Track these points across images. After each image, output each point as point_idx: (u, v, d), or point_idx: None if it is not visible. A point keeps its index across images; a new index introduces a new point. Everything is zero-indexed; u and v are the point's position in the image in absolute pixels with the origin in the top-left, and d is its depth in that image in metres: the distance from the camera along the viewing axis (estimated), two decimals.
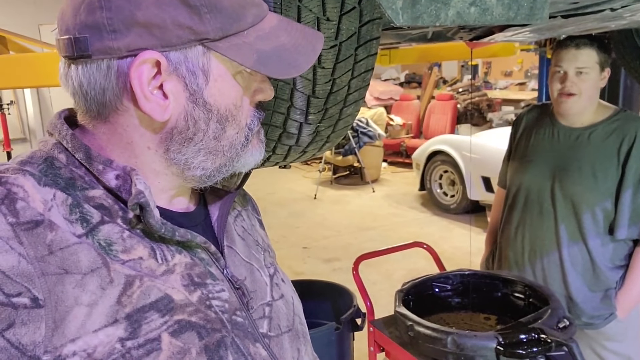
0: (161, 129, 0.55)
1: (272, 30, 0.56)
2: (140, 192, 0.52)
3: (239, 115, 0.58)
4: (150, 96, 0.53)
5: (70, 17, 0.52)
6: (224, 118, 0.56)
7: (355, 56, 0.79)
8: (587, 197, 1.52)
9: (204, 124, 0.55)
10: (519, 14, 0.64)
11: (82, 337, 0.47)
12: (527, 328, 1.21)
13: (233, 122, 0.57)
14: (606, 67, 1.54)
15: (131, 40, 0.50)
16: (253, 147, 0.61)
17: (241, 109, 0.58)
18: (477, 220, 4.74)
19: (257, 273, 0.66)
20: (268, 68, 0.54)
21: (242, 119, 0.58)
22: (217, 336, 0.55)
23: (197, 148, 0.56)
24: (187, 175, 0.58)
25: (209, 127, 0.56)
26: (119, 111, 0.54)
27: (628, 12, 0.96)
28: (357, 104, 0.87)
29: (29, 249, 0.47)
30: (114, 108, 0.54)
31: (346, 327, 1.75)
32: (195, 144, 0.56)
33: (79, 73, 0.53)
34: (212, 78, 0.54)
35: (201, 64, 0.53)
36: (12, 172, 0.52)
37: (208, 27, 0.51)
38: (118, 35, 0.50)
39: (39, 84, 1.81)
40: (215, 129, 0.56)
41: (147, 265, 0.53)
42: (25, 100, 7.11)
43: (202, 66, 0.53)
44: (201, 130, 0.55)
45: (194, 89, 0.54)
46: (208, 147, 0.57)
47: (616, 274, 1.56)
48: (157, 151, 0.56)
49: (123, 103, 0.54)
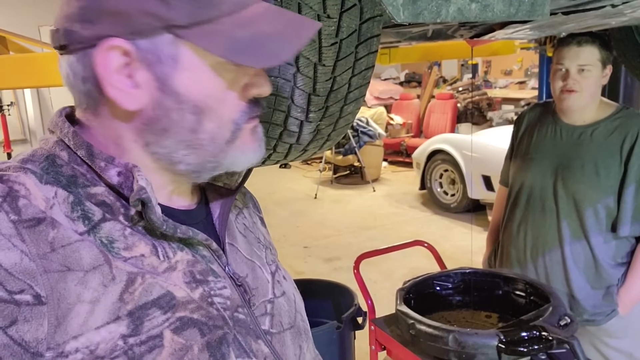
0: (135, 119, 0.55)
1: (255, 18, 0.53)
2: (142, 188, 0.52)
3: (219, 109, 0.55)
4: (115, 83, 0.52)
5: (59, 10, 0.54)
6: (199, 110, 0.54)
7: (356, 54, 0.79)
8: (589, 194, 1.52)
9: (176, 114, 0.54)
10: (520, 11, 0.64)
11: (84, 334, 0.47)
12: (528, 326, 1.21)
13: (212, 115, 0.55)
14: (608, 64, 1.54)
15: (101, 28, 0.51)
16: (244, 145, 0.58)
17: (223, 102, 0.55)
18: (478, 219, 4.73)
19: (259, 270, 0.67)
20: (241, 57, 0.51)
21: (225, 113, 0.56)
22: (219, 333, 0.55)
23: (175, 141, 0.55)
24: (175, 171, 0.57)
25: (182, 118, 0.54)
26: (101, 102, 0.55)
27: (629, 9, 0.95)
28: (357, 102, 0.87)
29: (31, 246, 0.47)
30: (98, 100, 0.55)
31: (347, 326, 1.75)
32: (171, 136, 0.55)
33: (65, 64, 0.55)
34: (182, 67, 0.53)
35: (169, 52, 0.52)
36: (13, 170, 0.52)
37: (174, 13, 0.51)
38: (89, 25, 0.51)
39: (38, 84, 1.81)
40: (190, 120, 0.54)
41: (149, 262, 0.53)
42: (25, 101, 7.12)
43: (170, 54, 0.52)
44: (174, 121, 0.54)
45: (163, 78, 0.53)
46: (186, 140, 0.55)
47: (618, 271, 1.56)
48: (140, 144, 0.56)
49: (102, 94, 0.53)
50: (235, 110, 0.56)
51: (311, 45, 0.74)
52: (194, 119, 0.54)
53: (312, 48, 0.75)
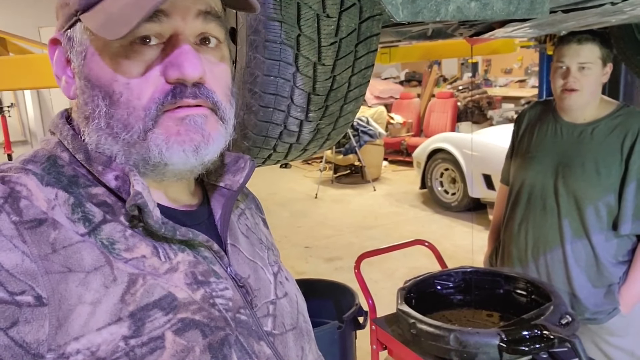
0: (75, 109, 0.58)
1: None
2: (138, 194, 0.52)
3: (127, 94, 0.52)
4: (60, 75, 0.57)
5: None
6: (107, 95, 0.53)
7: (356, 53, 0.79)
8: (590, 192, 1.52)
9: (90, 100, 0.54)
10: (520, 9, 0.64)
11: (85, 335, 0.47)
12: (529, 324, 1.21)
13: (120, 100, 0.52)
14: (608, 62, 1.54)
15: (58, 24, 0.57)
16: (168, 136, 0.53)
17: (131, 87, 0.52)
18: (479, 218, 4.73)
19: (261, 271, 0.66)
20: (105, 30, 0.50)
21: (133, 98, 0.52)
22: (221, 334, 0.54)
23: (95, 128, 0.54)
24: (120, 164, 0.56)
25: (95, 104, 0.54)
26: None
27: (629, 6, 0.95)
28: (357, 101, 0.87)
29: (33, 247, 0.47)
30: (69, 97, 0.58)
31: (348, 326, 1.74)
32: (91, 124, 0.54)
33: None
34: (90, 52, 0.54)
35: (81, 38, 0.54)
36: (15, 171, 0.52)
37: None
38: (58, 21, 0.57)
39: (38, 86, 1.81)
40: (102, 107, 0.53)
41: (150, 263, 0.53)
42: (25, 102, 7.12)
43: (81, 41, 0.54)
44: (90, 107, 0.54)
45: (79, 65, 0.55)
46: (102, 128, 0.54)
47: (619, 270, 1.56)
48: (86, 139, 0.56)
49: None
50: (147, 96, 0.52)
51: (311, 45, 0.74)
52: (104, 105, 0.53)
53: (312, 47, 0.75)
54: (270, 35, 0.72)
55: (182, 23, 0.53)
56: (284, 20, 0.72)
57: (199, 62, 0.53)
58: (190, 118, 0.53)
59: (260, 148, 0.86)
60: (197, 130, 0.54)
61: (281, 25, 0.72)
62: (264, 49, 0.74)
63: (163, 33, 0.53)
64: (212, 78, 0.55)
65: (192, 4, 0.53)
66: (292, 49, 0.74)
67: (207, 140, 0.54)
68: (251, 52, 0.75)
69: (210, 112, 0.55)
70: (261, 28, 0.72)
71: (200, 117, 0.54)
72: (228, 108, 0.58)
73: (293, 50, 0.74)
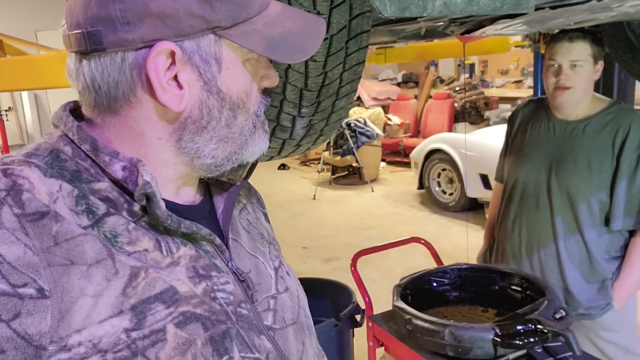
0: (176, 119, 0.55)
1: (278, 16, 0.57)
2: (147, 183, 0.52)
3: (248, 102, 0.59)
4: (167, 87, 0.53)
5: (80, 12, 0.52)
6: (235, 105, 0.57)
7: (346, 49, 0.80)
8: (582, 188, 1.54)
9: (218, 112, 0.56)
10: (505, 4, 0.65)
11: (87, 327, 0.47)
12: (523, 319, 1.21)
13: (243, 109, 0.58)
14: (600, 60, 1.55)
15: (145, 31, 0.51)
16: (259, 136, 0.62)
17: (250, 95, 0.59)
18: (475, 217, 4.74)
19: (262, 266, 0.67)
20: (277, 53, 0.55)
21: (251, 105, 0.59)
22: (222, 328, 0.55)
23: (210, 136, 0.57)
24: (195, 164, 0.59)
25: (222, 115, 0.57)
26: (132, 104, 0.54)
27: (615, 3, 0.97)
28: (349, 97, 0.88)
29: (35, 240, 0.47)
30: (127, 101, 0.54)
31: (345, 324, 1.75)
32: (208, 132, 0.57)
33: (91, 67, 0.53)
34: (225, 66, 0.55)
35: (214, 52, 0.54)
36: (17, 164, 0.52)
37: (220, 15, 0.52)
38: (132, 27, 0.50)
39: (35, 87, 1.81)
40: (228, 116, 0.57)
41: (152, 257, 0.53)
42: (23, 106, 7.12)
43: (214, 54, 0.54)
44: (215, 118, 0.56)
45: (208, 77, 0.55)
46: (220, 135, 0.57)
47: (612, 265, 1.57)
48: (168, 141, 0.56)
49: (137, 95, 0.54)
50: (256, 102, 0.60)
51: None
52: (231, 114, 0.57)
53: None
54: None
55: None
56: None
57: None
58: (265, 120, 0.63)
59: None
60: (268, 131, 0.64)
61: None
62: None
63: None
64: None
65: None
66: None
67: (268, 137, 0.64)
68: None
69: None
70: None
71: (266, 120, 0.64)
72: None
73: None
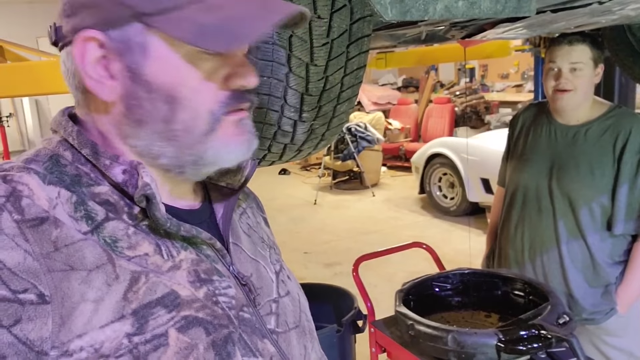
0: (112, 110, 0.55)
1: (225, 3, 0.53)
2: (147, 185, 0.52)
3: (194, 99, 0.54)
4: (92, 74, 0.54)
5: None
6: (171, 99, 0.54)
7: (347, 53, 0.79)
8: (584, 193, 1.53)
9: (148, 104, 0.54)
10: (507, 7, 0.65)
11: (88, 332, 0.47)
12: (527, 324, 1.21)
13: (185, 105, 0.54)
14: (600, 63, 1.55)
15: (78, 22, 0.53)
16: (226, 138, 0.56)
17: (198, 92, 0.54)
18: (477, 222, 4.73)
19: (263, 270, 0.66)
20: (207, 42, 0.50)
21: (200, 103, 0.55)
22: (225, 332, 0.54)
23: (150, 132, 0.55)
24: (160, 166, 0.57)
25: (155, 108, 0.54)
26: (88, 96, 0.56)
27: (617, 6, 0.96)
28: (350, 101, 0.88)
29: (35, 245, 0.47)
30: (85, 93, 0.56)
31: (347, 329, 1.74)
32: (146, 127, 0.55)
33: (60, 61, 0.58)
34: (152, 56, 0.53)
35: (139, 41, 0.53)
36: (17, 170, 0.52)
37: (140, 1, 0.52)
38: (71, 19, 0.54)
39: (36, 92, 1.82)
40: (163, 110, 0.54)
41: (152, 261, 0.53)
42: (24, 112, 7.14)
43: (139, 43, 0.53)
44: (147, 111, 0.54)
45: (134, 67, 0.53)
46: (160, 131, 0.55)
47: (616, 270, 1.56)
48: (120, 137, 0.56)
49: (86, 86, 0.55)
50: (212, 101, 0.55)
51: (303, 46, 0.75)
52: (166, 108, 0.54)
53: (304, 48, 0.76)
54: None
55: None
56: None
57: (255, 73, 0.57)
58: (243, 120, 0.58)
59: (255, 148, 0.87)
60: (250, 131, 0.59)
61: None
62: (257, 49, 0.75)
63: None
64: None
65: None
66: (284, 49, 0.75)
67: (253, 137, 0.59)
68: None
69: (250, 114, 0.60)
70: None
71: (248, 119, 0.59)
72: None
73: (285, 51, 0.75)
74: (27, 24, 6.61)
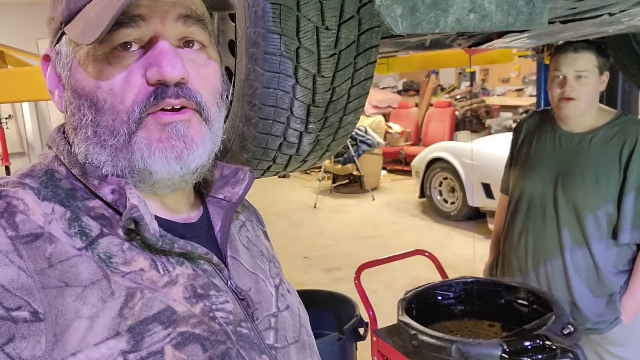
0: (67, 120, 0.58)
1: None
2: (134, 207, 0.51)
3: (111, 100, 0.52)
4: (52, 90, 0.58)
5: None
6: (92, 104, 0.53)
7: (355, 64, 0.79)
8: (589, 201, 1.52)
9: (78, 111, 0.54)
10: (518, 20, 0.64)
11: (83, 350, 0.46)
12: (531, 335, 1.20)
13: (105, 107, 0.53)
14: (605, 71, 1.54)
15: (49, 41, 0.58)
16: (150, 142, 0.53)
17: (114, 93, 0.52)
18: (478, 226, 4.72)
19: (262, 283, 0.65)
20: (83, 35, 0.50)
21: (117, 103, 0.52)
22: (222, 348, 0.53)
23: (83, 138, 0.54)
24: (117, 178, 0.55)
25: (82, 114, 0.54)
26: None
27: (626, 17, 0.96)
28: (357, 112, 0.87)
29: (29, 262, 0.47)
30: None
31: (349, 337, 1.73)
32: (79, 134, 0.55)
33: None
34: (75, 63, 0.54)
35: (66, 51, 0.55)
36: (12, 186, 0.52)
37: (58, 11, 0.54)
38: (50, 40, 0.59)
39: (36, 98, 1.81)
40: (89, 115, 0.54)
41: (148, 276, 0.52)
42: (23, 114, 7.12)
43: (67, 53, 0.55)
44: (77, 117, 0.55)
45: (66, 77, 0.56)
46: (90, 137, 0.54)
47: (620, 279, 1.55)
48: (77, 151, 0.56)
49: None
50: (129, 99, 0.52)
51: (310, 57, 0.74)
52: (90, 113, 0.54)
53: (311, 59, 0.75)
54: (270, 47, 0.72)
55: (161, 26, 0.53)
56: (284, 33, 0.72)
57: (178, 61, 0.52)
58: (172, 125, 0.53)
59: (260, 160, 0.86)
60: (179, 138, 0.53)
61: (280, 38, 0.72)
62: (264, 61, 0.74)
63: (143, 37, 0.53)
64: (197, 78, 0.55)
65: (171, 7, 0.53)
66: (291, 61, 0.74)
67: (191, 146, 0.54)
68: (250, 65, 0.75)
69: (194, 113, 0.54)
70: (260, 40, 0.72)
71: (183, 124, 0.53)
72: (215, 109, 0.57)
73: (292, 62, 0.74)
74: (27, 25, 6.60)
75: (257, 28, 0.72)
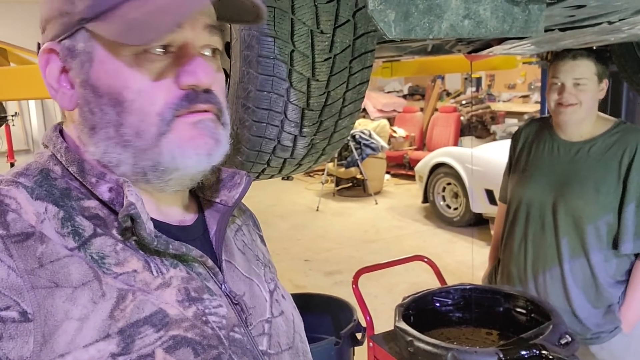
0: (75, 118, 0.56)
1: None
2: (132, 204, 0.51)
3: (140, 101, 0.53)
4: (53, 84, 0.55)
5: None
6: (117, 103, 0.53)
7: (350, 69, 0.78)
8: (589, 211, 1.51)
9: (98, 109, 0.53)
10: (514, 27, 0.63)
11: (71, 352, 0.46)
12: (528, 344, 1.19)
13: (132, 107, 0.53)
14: (604, 78, 1.53)
15: (46, 37, 0.56)
16: (181, 141, 0.54)
17: (145, 94, 0.53)
18: (480, 233, 4.70)
19: (257, 288, 0.65)
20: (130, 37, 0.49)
21: (147, 105, 0.53)
22: (214, 353, 0.53)
23: (103, 137, 0.54)
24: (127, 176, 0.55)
25: (104, 112, 0.53)
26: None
27: (626, 25, 0.95)
28: (352, 117, 0.86)
29: (19, 261, 0.47)
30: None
31: (346, 342, 1.72)
32: (99, 134, 0.54)
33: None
34: (97, 60, 0.53)
35: (85, 46, 0.53)
36: (5, 184, 0.52)
37: (80, 7, 0.52)
38: (43, 36, 0.57)
39: (39, 96, 1.81)
40: (112, 115, 0.53)
41: (141, 278, 0.52)
42: (29, 112, 7.18)
43: (86, 49, 0.53)
44: (98, 117, 0.54)
45: (82, 73, 0.54)
46: (112, 137, 0.54)
47: (618, 290, 1.54)
48: (85, 148, 0.56)
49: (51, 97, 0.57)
50: (161, 102, 0.53)
51: (304, 61, 0.74)
52: (114, 113, 0.53)
53: (306, 63, 0.74)
54: (264, 50, 0.72)
55: (192, 33, 0.54)
56: (278, 36, 0.72)
57: (211, 69, 0.55)
58: (202, 122, 0.55)
59: (254, 163, 0.86)
60: (210, 134, 0.55)
61: (275, 41, 0.72)
62: (258, 64, 0.74)
63: (173, 43, 0.54)
64: (217, 85, 0.57)
65: (201, 16, 0.55)
66: (285, 64, 0.74)
67: (218, 143, 0.56)
68: (245, 67, 0.75)
69: (216, 118, 0.56)
70: (255, 43, 0.72)
71: (211, 122, 0.56)
72: (227, 113, 0.60)
73: (287, 65, 0.74)
74: (31, 24, 6.66)
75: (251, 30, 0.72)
